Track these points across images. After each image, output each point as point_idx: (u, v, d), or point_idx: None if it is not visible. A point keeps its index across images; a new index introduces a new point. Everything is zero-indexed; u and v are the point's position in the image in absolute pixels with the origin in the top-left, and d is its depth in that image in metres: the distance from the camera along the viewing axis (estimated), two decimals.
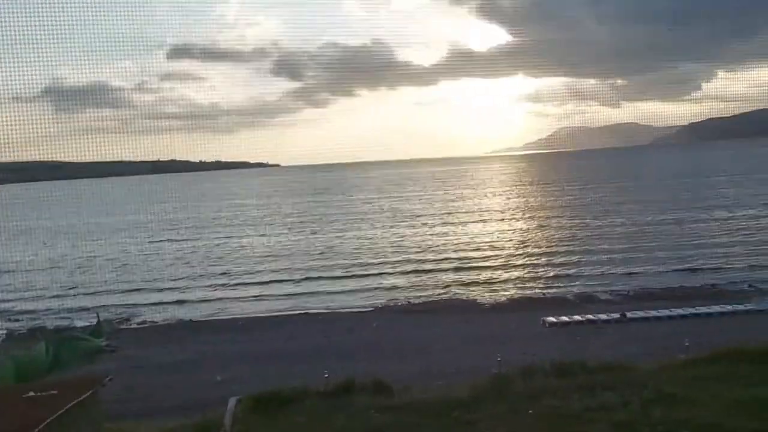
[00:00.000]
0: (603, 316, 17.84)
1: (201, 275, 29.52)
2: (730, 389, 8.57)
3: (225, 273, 29.43)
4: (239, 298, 24.22)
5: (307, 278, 27.26)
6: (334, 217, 54.58)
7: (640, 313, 17.87)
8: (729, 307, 17.98)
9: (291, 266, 30.43)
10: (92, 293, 27.17)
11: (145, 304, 24.13)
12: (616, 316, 17.80)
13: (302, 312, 21.52)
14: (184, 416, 9.80)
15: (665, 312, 17.84)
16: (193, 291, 26.03)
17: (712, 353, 10.56)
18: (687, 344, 13.19)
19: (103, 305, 24.22)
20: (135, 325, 21.51)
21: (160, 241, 43.83)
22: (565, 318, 17.90)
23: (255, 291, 25.24)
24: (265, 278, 27.63)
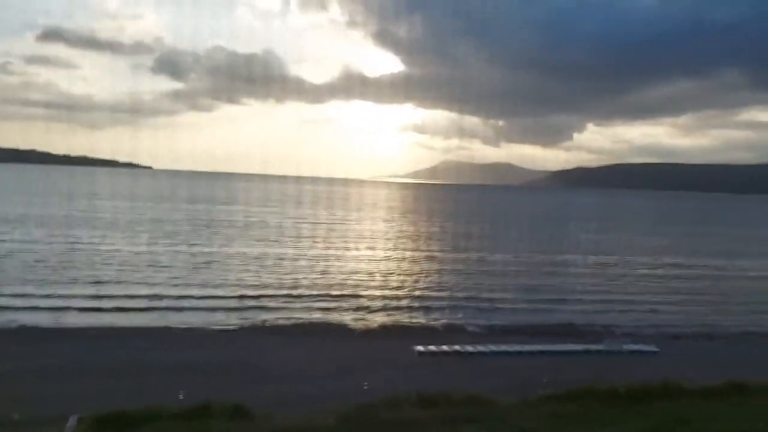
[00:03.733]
0: (469, 348, 18.24)
1: (52, 279, 27.09)
2: (585, 428, 8.87)
3: (75, 280, 27.17)
4: (91, 308, 22.37)
5: (171, 291, 25.81)
6: (206, 229, 52.64)
7: (504, 347, 18.46)
8: (583, 347, 19.03)
9: (155, 276, 28.74)
10: None
11: None
12: (482, 348, 18.29)
13: (162, 326, 20.25)
14: None
15: (527, 347, 18.56)
16: (41, 297, 23.77)
17: (567, 391, 10.95)
18: (545, 381, 13.71)
19: None
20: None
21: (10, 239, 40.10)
22: (433, 348, 18.11)
23: (112, 301, 23.47)
24: (126, 289, 25.82)
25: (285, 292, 26.62)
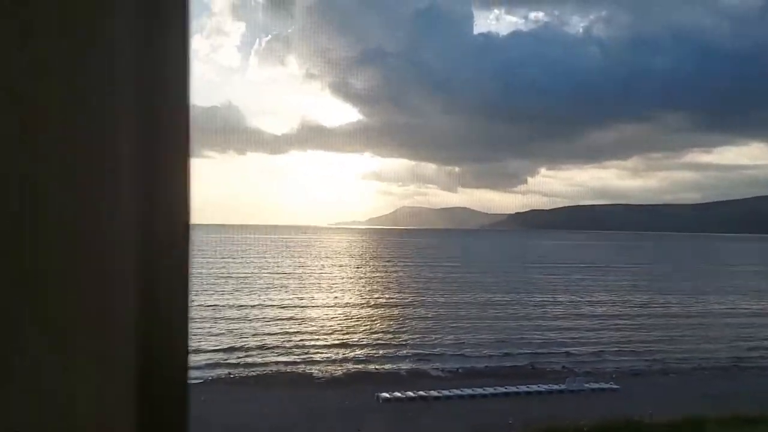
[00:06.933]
0: (434, 393, 18.30)
1: None
2: None
3: None
4: None
5: None
6: None
7: (468, 391, 18.58)
8: (546, 387, 19.29)
9: None
10: None
11: None
12: (446, 392, 18.36)
13: None
14: None
15: (490, 390, 18.71)
16: None
17: (533, 431, 11.15)
18: (510, 422, 13.88)
19: None
20: None
21: None
22: (398, 394, 18.09)
23: None
24: None
25: (245, 343, 26.29)
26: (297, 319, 32.74)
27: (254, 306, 37.22)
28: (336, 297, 44.03)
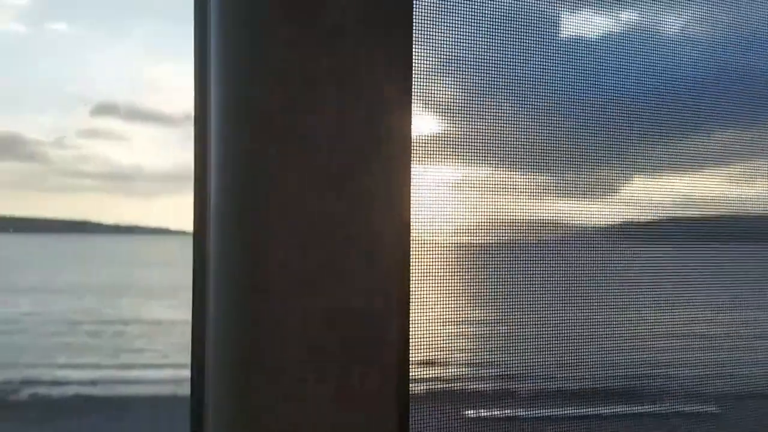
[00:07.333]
0: (521, 413, 17.84)
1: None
2: None
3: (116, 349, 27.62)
4: None
5: None
6: None
7: (552, 412, 17.98)
8: (639, 409, 18.40)
9: None
10: None
11: None
12: (529, 413, 17.86)
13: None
14: None
15: (577, 411, 18.05)
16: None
17: None
18: None
19: None
20: (26, 398, 19.64)
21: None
22: (483, 412, 17.77)
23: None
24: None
25: None
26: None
27: None
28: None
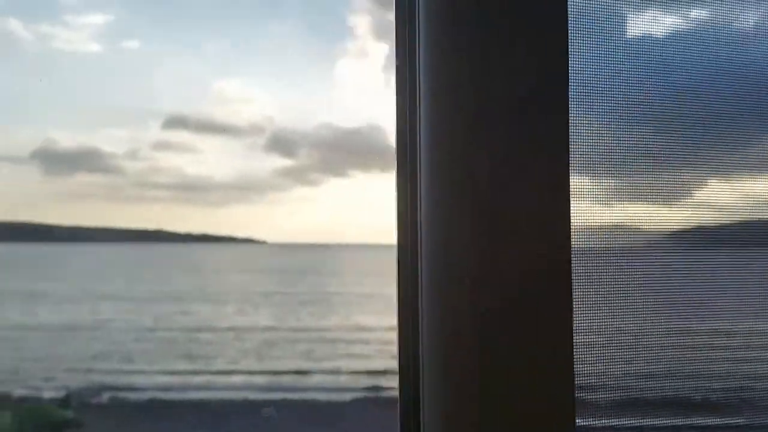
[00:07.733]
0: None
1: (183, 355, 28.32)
2: None
3: (188, 355, 28.14)
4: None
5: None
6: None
7: (634, 422, 17.29)
8: (721, 421, 17.49)
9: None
10: (66, 364, 26.07)
11: (117, 379, 23.01)
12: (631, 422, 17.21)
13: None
14: None
15: (657, 422, 17.30)
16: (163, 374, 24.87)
17: None
18: None
19: (74, 376, 23.01)
20: (105, 401, 20.37)
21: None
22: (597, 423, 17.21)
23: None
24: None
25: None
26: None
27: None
28: None
